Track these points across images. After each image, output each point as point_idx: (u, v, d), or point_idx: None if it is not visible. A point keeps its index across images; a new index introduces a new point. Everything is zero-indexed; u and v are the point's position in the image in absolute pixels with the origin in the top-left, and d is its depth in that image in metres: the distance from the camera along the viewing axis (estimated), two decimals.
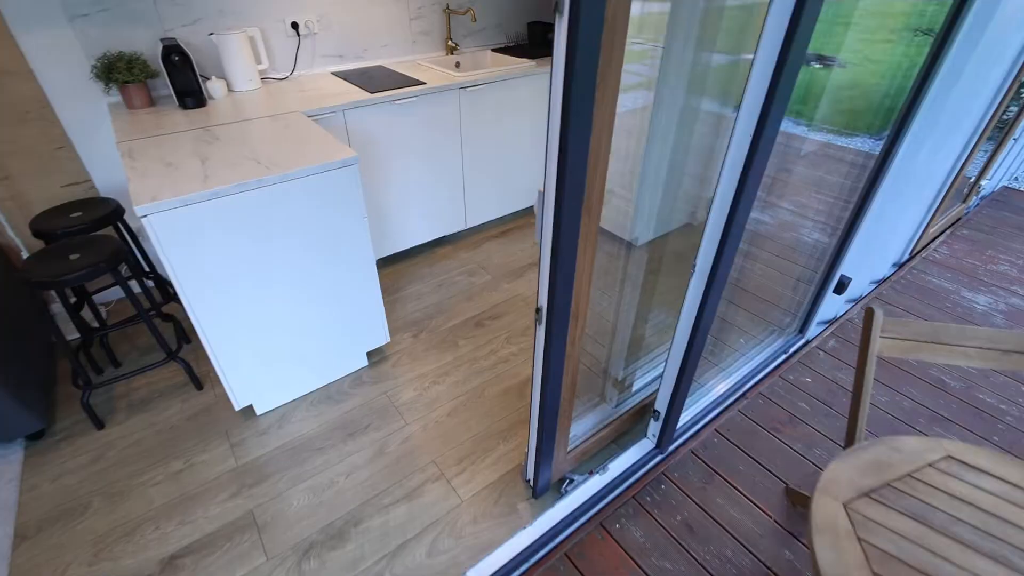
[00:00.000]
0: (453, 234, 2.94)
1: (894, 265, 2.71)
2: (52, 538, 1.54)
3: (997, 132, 2.87)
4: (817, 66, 3.53)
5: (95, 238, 1.77)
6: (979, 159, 2.97)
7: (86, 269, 1.62)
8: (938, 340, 1.23)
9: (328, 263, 1.78)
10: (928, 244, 2.88)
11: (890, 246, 2.38)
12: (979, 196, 3.19)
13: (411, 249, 2.82)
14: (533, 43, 3.10)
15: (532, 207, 3.20)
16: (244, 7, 2.25)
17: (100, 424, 1.87)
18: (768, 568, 1.47)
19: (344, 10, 2.51)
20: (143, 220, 1.37)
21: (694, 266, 1.37)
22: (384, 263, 2.73)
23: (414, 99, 2.30)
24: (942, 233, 3.00)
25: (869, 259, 2.34)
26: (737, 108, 1.11)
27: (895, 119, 1.70)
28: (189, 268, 1.50)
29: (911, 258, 2.77)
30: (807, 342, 2.26)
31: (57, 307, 2.30)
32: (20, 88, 1.95)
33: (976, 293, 2.54)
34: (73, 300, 2.06)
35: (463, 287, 2.56)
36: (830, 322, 2.39)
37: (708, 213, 1.27)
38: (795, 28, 0.94)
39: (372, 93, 2.22)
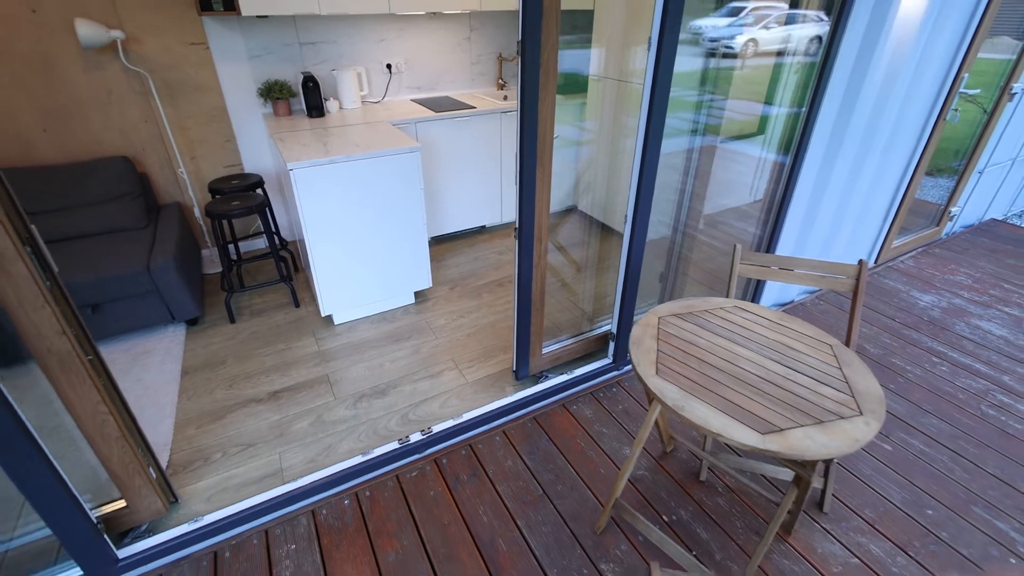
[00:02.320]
0: (492, 225, 3.83)
1: None
2: (203, 375, 2.46)
3: (945, 164, 3.40)
4: None
5: (247, 194, 2.78)
6: (934, 185, 3.50)
7: (244, 209, 2.62)
8: (779, 265, 1.91)
9: (394, 218, 2.68)
10: (896, 257, 3.41)
11: (836, 250, 2.97)
12: (955, 222, 3.65)
13: (457, 232, 3.73)
14: (565, 82, 4.02)
15: (555, 213, 4.03)
16: (356, 53, 3.33)
17: (232, 320, 2.83)
18: (695, 456, 2.12)
19: (424, 56, 3.55)
20: (291, 173, 2.33)
21: (626, 216, 2.13)
22: (435, 241, 3.65)
23: (466, 118, 3.25)
24: (913, 250, 3.50)
25: (822, 256, 2.95)
26: (638, 128, 1.92)
27: (795, 140, 2.41)
28: (312, 207, 2.44)
29: (876, 266, 3.31)
30: None
31: (206, 251, 3.38)
32: (212, 100, 3.07)
33: (924, 294, 3.05)
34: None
35: (493, 261, 3.41)
36: (785, 304, 2.99)
37: (631, 182, 2.05)
38: (656, 87, 1.75)
39: (437, 112, 3.19)
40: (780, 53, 2.68)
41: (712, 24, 2.73)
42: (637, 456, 1.76)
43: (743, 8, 3.39)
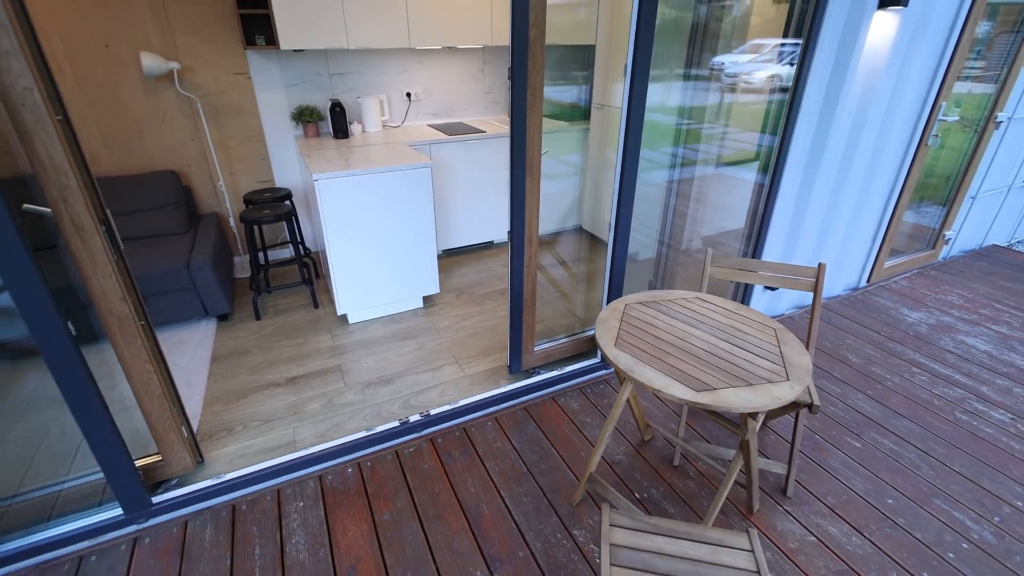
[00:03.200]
0: (499, 242, 4.14)
1: (850, 288, 3.44)
2: (230, 362, 2.78)
3: (941, 191, 3.58)
4: None
5: (277, 204, 3.16)
6: (928, 211, 3.69)
7: (273, 216, 2.99)
8: (745, 268, 2.14)
9: (407, 227, 3.01)
10: (890, 278, 3.56)
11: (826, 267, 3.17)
12: (951, 246, 3.80)
13: (467, 246, 4.05)
14: (575, 111, 4.37)
15: (560, 232, 4.31)
16: (380, 82, 3.75)
17: (258, 316, 3.17)
18: (669, 443, 2.33)
19: (441, 85, 3.96)
20: (316, 183, 2.68)
21: (610, 224, 2.40)
22: (445, 254, 3.97)
23: (476, 141, 3.61)
24: (908, 271, 3.65)
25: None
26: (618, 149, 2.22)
27: (772, 159, 2.67)
28: (333, 214, 2.78)
29: (868, 285, 3.48)
30: None
31: (238, 259, 3.76)
32: (251, 123, 3.51)
33: (913, 311, 3.20)
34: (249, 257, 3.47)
35: (497, 273, 3.70)
36: (774, 317, 3.18)
37: (613, 191, 2.33)
38: (631, 119, 2.06)
39: (449, 136, 3.56)
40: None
41: (733, 60, 3.01)
42: (610, 433, 1.98)
43: (766, 45, 3.71)
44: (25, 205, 1.57)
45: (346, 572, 1.75)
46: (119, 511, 1.87)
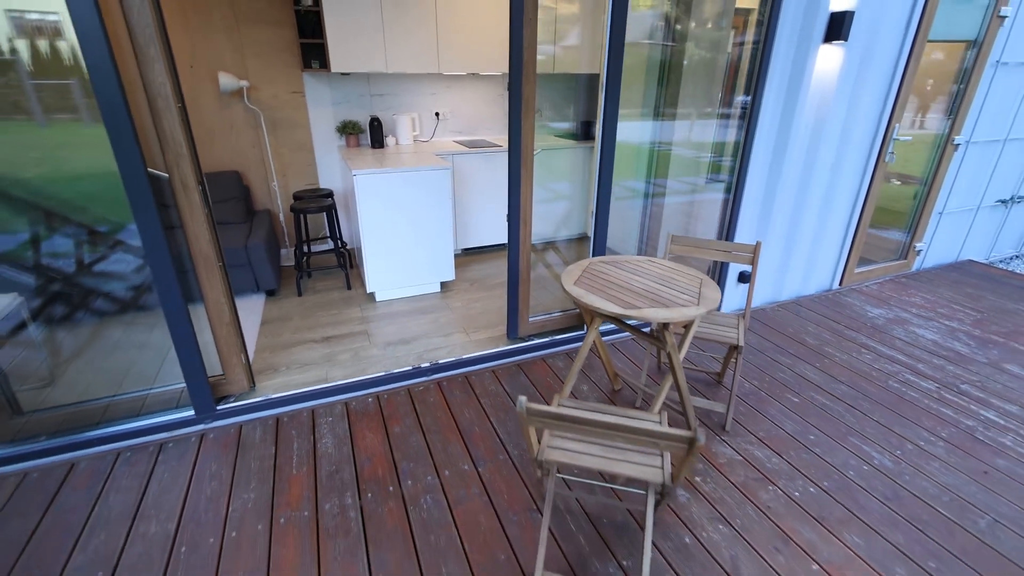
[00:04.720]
0: None
1: (822, 290, 3.91)
2: (276, 325, 3.43)
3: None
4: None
5: (321, 199, 3.87)
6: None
7: (317, 208, 3.69)
8: (699, 246, 2.69)
9: (429, 220, 3.66)
10: (862, 283, 4.01)
11: (795, 271, 3.67)
12: (923, 257, 4.22)
13: (484, 246, 4.69)
14: (582, 132, 5.03)
15: (567, 239, 4.91)
16: (412, 102, 4.50)
17: (300, 293, 3.84)
18: (632, 389, 2.84)
19: (466, 107, 4.69)
20: (354, 178, 3.37)
21: (592, 212, 3.00)
22: (464, 252, 4.61)
23: (493, 153, 4.28)
24: (881, 278, 4.10)
25: (779, 274, 3.66)
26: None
27: (736, 167, 3.23)
28: (368, 205, 3.46)
29: (840, 288, 3.94)
30: None
31: (284, 251, 4.48)
32: (302, 135, 4.27)
33: (876, 308, 3.64)
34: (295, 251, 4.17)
35: None
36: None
37: (594, 195, 2.93)
38: (605, 146, 2.69)
39: (471, 149, 4.25)
40: None
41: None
42: (579, 368, 2.51)
43: None
44: (148, 169, 2.26)
45: (363, 461, 2.32)
46: (191, 412, 2.49)
